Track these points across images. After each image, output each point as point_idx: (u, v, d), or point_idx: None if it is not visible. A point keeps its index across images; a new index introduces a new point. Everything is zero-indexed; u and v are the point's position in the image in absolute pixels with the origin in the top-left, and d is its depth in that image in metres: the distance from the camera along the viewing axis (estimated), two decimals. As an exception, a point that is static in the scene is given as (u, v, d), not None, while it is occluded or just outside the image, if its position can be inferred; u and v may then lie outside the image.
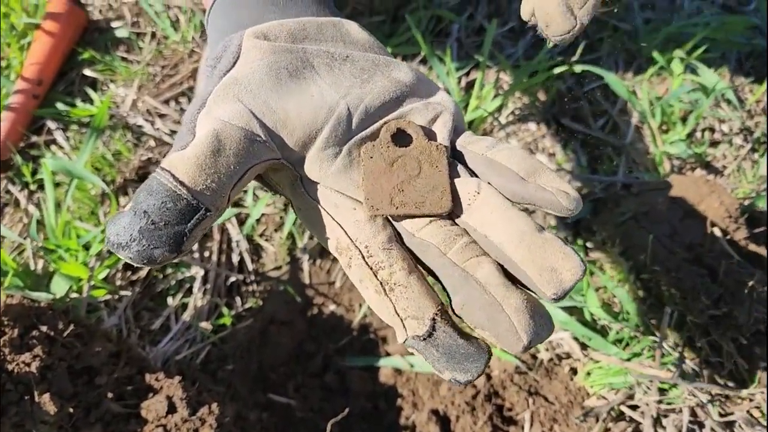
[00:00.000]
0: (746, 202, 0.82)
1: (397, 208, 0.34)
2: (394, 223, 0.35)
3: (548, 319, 0.31)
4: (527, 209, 0.68)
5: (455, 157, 0.37)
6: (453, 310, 0.33)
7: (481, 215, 0.34)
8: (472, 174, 0.36)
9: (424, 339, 0.31)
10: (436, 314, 0.31)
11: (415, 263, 0.34)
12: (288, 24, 0.37)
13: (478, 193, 0.34)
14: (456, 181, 0.35)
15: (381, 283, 0.32)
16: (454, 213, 0.35)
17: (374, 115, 0.37)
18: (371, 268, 0.33)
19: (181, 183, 0.30)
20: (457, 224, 0.35)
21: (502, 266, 0.33)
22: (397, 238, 0.35)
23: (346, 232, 0.34)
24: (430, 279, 0.35)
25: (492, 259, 0.33)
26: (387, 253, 0.33)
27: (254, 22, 0.38)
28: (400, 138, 0.36)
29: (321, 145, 0.35)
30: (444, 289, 0.33)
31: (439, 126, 0.37)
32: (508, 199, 0.34)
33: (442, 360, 0.31)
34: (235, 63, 0.36)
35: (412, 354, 0.77)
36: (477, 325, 0.31)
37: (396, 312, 0.32)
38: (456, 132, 0.38)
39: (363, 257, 0.33)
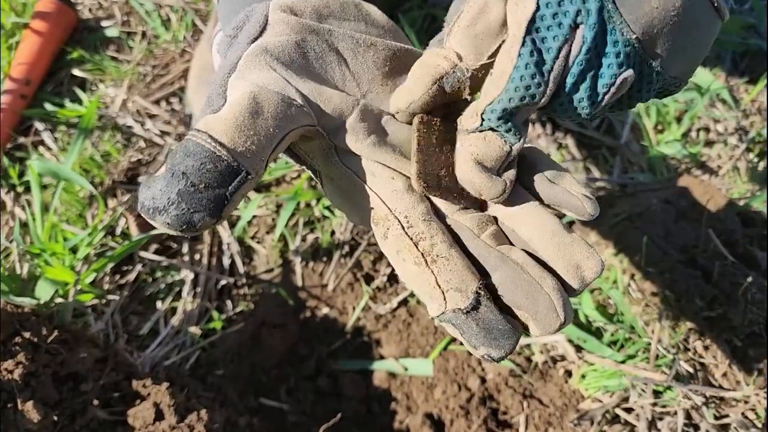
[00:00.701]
0: (741, 203, 0.81)
1: (448, 189, 0.34)
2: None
3: (570, 304, 0.33)
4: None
5: None
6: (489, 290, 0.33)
7: (511, 210, 0.35)
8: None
9: (467, 312, 0.31)
10: (480, 288, 0.31)
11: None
12: (311, 1, 0.37)
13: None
14: None
15: (422, 254, 0.32)
16: (483, 203, 0.36)
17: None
18: (411, 239, 0.33)
19: (221, 144, 0.29)
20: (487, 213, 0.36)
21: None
22: (435, 212, 0.35)
23: (384, 201, 0.34)
24: None
25: (524, 242, 0.34)
26: (427, 224, 0.33)
27: None
28: (448, 123, 0.36)
29: (358, 115, 0.35)
30: (478, 270, 0.33)
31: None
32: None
33: (479, 335, 0.31)
34: (262, 32, 0.35)
35: (408, 357, 0.76)
36: (515, 303, 0.32)
37: (438, 284, 0.31)
38: None
39: (402, 227, 0.33)
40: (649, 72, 0.33)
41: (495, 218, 0.35)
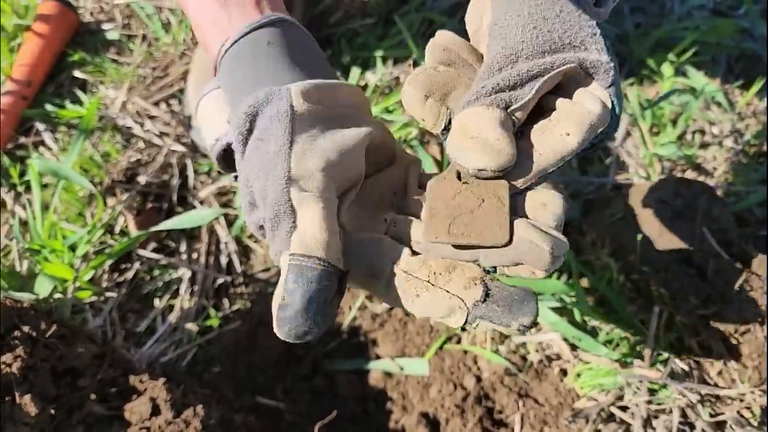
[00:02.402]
0: (736, 203, 0.82)
1: (454, 237, 0.36)
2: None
3: (555, 231, 0.36)
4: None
5: None
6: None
7: None
8: None
9: (485, 300, 0.34)
10: (482, 276, 0.35)
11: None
12: (324, 86, 0.40)
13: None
14: None
15: (426, 280, 0.36)
16: None
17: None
18: (408, 273, 0.37)
19: (327, 262, 0.34)
20: None
21: None
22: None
23: (377, 255, 0.38)
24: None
25: None
26: (416, 258, 0.37)
27: (283, 79, 0.40)
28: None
29: (351, 195, 0.40)
30: None
31: None
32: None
33: (505, 313, 0.34)
34: (293, 128, 0.37)
35: (403, 356, 0.76)
36: (506, 263, 0.35)
37: (449, 293, 0.35)
38: None
39: (400, 266, 0.37)
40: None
41: None
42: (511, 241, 0.36)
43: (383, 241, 0.38)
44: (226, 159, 0.44)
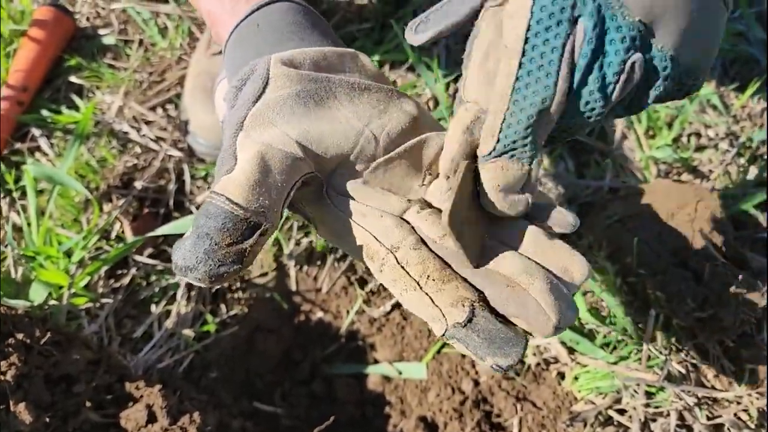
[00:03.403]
0: (732, 206, 0.82)
1: (463, 237, 0.35)
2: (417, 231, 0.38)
3: (572, 302, 0.34)
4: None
5: None
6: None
7: (493, 226, 0.38)
8: None
9: (465, 325, 0.32)
10: (475, 301, 0.33)
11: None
12: (310, 52, 0.40)
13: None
14: None
15: (416, 280, 0.34)
16: None
17: (395, 141, 0.40)
18: (404, 267, 0.35)
19: (237, 204, 0.33)
20: None
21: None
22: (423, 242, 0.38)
23: (376, 237, 0.37)
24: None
25: (512, 252, 0.36)
26: (417, 252, 0.36)
27: (273, 51, 0.40)
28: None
29: (352, 161, 0.38)
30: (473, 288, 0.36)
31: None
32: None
33: (483, 346, 0.32)
34: (264, 88, 0.38)
35: (401, 361, 0.76)
36: (509, 313, 0.33)
37: (434, 303, 0.33)
38: None
39: (396, 259, 0.35)
40: (660, 58, 0.33)
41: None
42: (479, 265, 0.36)
43: (384, 224, 0.37)
44: None
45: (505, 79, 0.34)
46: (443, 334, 0.33)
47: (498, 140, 0.35)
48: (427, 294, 0.34)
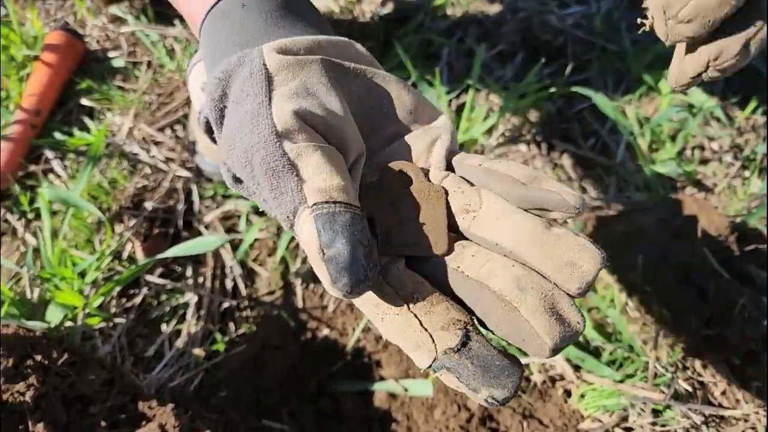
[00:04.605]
0: (737, 220, 0.82)
1: (394, 247, 0.34)
2: None
3: (573, 314, 0.30)
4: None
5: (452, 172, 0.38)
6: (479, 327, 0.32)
7: (488, 223, 0.33)
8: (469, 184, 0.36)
9: (458, 351, 0.29)
10: (467, 323, 0.30)
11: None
12: (303, 41, 0.37)
13: (481, 204, 0.34)
14: (456, 192, 0.35)
15: (404, 301, 0.31)
16: (461, 228, 0.34)
17: (385, 141, 0.39)
18: (390, 285, 0.32)
19: (353, 205, 0.31)
20: (463, 236, 0.34)
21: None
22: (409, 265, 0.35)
23: None
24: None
25: (505, 261, 0.32)
26: (405, 271, 0.33)
27: (258, 40, 0.37)
28: (401, 179, 0.36)
29: (360, 168, 0.37)
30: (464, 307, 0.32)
31: (437, 147, 0.38)
32: (510, 203, 0.34)
33: (477, 375, 0.28)
34: (270, 85, 0.35)
35: (407, 378, 0.77)
36: (502, 335, 0.30)
37: (423, 327, 0.30)
38: (452, 153, 0.39)
39: (382, 278, 0.33)
40: None
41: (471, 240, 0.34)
42: (450, 251, 0.33)
43: None
44: (210, 130, 0.40)
45: None
46: (430, 365, 0.29)
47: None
48: (416, 316, 0.30)
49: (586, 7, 1.09)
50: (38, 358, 0.62)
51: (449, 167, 0.38)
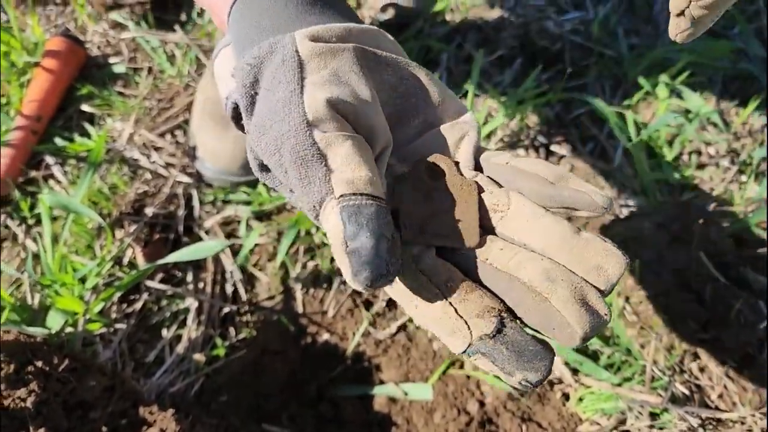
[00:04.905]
0: (734, 225, 0.83)
1: (428, 237, 0.35)
2: None
3: (602, 307, 0.31)
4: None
5: (478, 170, 0.39)
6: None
7: (517, 225, 0.34)
8: (497, 185, 0.37)
9: (493, 337, 0.30)
10: (501, 311, 0.31)
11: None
12: (335, 29, 0.38)
13: (509, 205, 0.35)
14: (485, 194, 0.36)
15: (438, 289, 0.32)
16: (488, 227, 0.35)
17: (414, 134, 0.40)
18: (424, 274, 0.33)
19: (380, 198, 0.31)
20: (490, 233, 0.35)
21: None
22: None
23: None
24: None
25: (532, 254, 0.33)
26: (439, 260, 0.34)
27: (290, 26, 0.38)
28: (434, 171, 0.37)
29: (385, 159, 0.37)
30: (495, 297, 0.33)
31: (465, 144, 0.39)
32: (539, 205, 0.35)
33: (512, 359, 0.30)
34: (302, 72, 0.35)
35: (407, 382, 0.77)
36: (532, 324, 0.31)
37: (459, 314, 0.31)
38: (478, 150, 0.40)
39: (417, 266, 0.33)
40: None
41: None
42: (482, 244, 0.34)
43: None
44: (238, 117, 0.40)
45: None
46: (466, 350, 0.30)
47: None
48: (450, 304, 0.31)
49: (584, 13, 1.10)
50: (39, 364, 0.62)
51: (476, 165, 0.39)
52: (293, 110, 0.33)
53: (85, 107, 0.96)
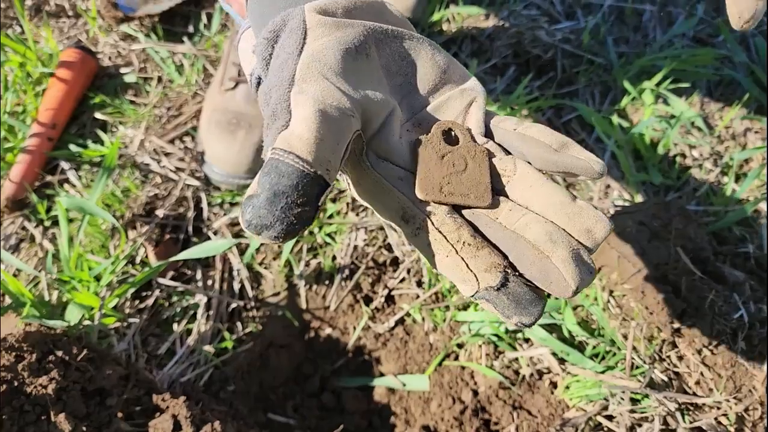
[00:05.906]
0: (715, 223, 0.87)
1: (445, 196, 0.38)
2: None
3: (590, 266, 0.36)
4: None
5: (487, 135, 0.43)
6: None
7: (521, 190, 0.39)
8: (505, 151, 0.42)
9: (498, 289, 0.34)
10: (506, 267, 0.35)
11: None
12: (341, 1, 0.41)
13: (515, 171, 0.39)
14: (495, 159, 0.41)
15: (452, 245, 0.36)
16: (498, 189, 0.40)
17: (424, 100, 0.43)
18: (440, 232, 0.37)
19: (307, 162, 0.32)
20: (499, 195, 0.40)
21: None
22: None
23: (413, 202, 0.38)
24: None
25: (537, 217, 0.37)
26: (452, 218, 0.37)
27: (301, 1, 0.40)
28: (450, 137, 0.42)
29: (391, 121, 0.40)
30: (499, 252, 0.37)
31: (474, 110, 0.43)
32: (541, 171, 0.39)
33: (511, 306, 0.34)
34: (305, 39, 0.38)
35: (405, 373, 0.81)
36: (531, 277, 0.35)
37: (469, 268, 0.35)
38: (487, 115, 0.44)
39: (432, 224, 0.37)
40: None
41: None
42: (494, 204, 0.38)
43: None
44: None
45: None
46: (473, 295, 0.35)
47: None
48: (462, 259, 0.35)
49: (575, 23, 1.14)
50: (59, 353, 0.67)
51: (486, 129, 0.43)
52: (285, 70, 0.37)
53: (98, 115, 1.01)
